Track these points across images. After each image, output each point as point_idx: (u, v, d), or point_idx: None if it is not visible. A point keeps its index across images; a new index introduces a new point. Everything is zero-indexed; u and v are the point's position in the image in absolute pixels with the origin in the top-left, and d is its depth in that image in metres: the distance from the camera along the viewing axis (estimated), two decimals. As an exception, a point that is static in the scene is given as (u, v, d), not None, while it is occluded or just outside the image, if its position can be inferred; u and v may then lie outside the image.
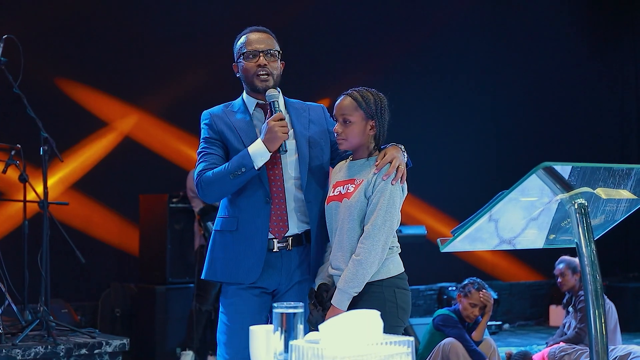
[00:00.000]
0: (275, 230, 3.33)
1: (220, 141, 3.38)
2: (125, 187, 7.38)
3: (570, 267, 6.02)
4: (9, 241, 6.29)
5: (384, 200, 3.11)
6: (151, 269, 6.89)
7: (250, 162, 3.23)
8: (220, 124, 3.38)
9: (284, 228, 3.34)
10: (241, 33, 3.48)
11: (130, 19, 7.61)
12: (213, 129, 3.39)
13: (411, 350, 2.08)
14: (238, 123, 3.38)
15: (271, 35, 3.46)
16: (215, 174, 3.28)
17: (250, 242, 3.32)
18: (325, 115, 3.52)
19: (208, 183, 3.29)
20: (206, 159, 3.35)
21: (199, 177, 3.33)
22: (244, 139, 3.33)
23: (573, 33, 10.57)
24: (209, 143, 3.39)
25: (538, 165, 2.27)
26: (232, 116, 3.41)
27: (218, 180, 3.27)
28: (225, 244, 3.37)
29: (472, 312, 5.54)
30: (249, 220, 3.32)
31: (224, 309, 3.42)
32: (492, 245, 2.60)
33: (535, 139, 10.04)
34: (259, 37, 3.42)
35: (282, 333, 2.10)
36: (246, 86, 3.45)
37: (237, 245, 3.33)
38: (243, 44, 3.41)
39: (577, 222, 2.39)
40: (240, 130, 3.36)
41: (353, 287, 3.09)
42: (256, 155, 3.24)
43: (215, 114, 3.43)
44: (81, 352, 5.19)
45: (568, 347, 5.63)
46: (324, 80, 8.31)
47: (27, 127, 5.79)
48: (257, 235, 3.31)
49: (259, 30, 3.46)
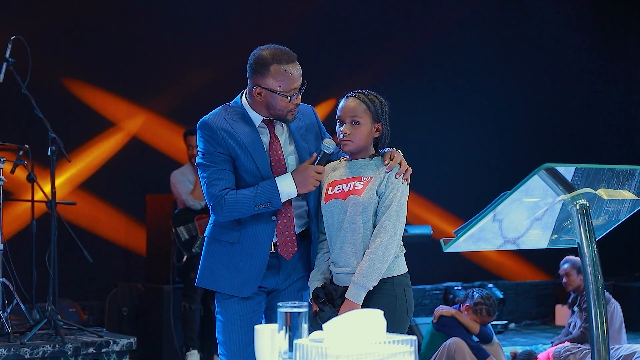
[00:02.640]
0: (284, 251, 3.33)
1: (228, 155, 3.29)
2: (133, 187, 7.42)
3: (575, 267, 6.03)
4: (17, 241, 6.33)
5: (398, 198, 3.20)
6: (158, 269, 6.92)
7: (278, 200, 3.23)
8: (229, 140, 3.27)
9: (293, 248, 3.34)
10: (269, 54, 3.25)
11: (137, 20, 7.64)
12: (222, 145, 3.28)
13: (414, 349, 2.10)
14: (246, 139, 3.29)
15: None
16: (238, 199, 3.22)
17: (250, 257, 3.31)
18: (316, 117, 3.52)
19: (231, 206, 3.23)
20: (221, 177, 3.26)
21: (221, 197, 3.23)
22: (255, 158, 3.28)
23: (578, 31, 10.56)
24: (218, 158, 3.28)
25: (540, 167, 2.30)
26: (237, 128, 3.30)
27: (242, 205, 3.22)
28: (223, 255, 3.33)
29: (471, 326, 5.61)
30: (252, 235, 3.30)
31: (220, 308, 3.42)
32: (496, 245, 2.62)
33: (540, 138, 10.04)
34: (299, 72, 3.27)
35: (287, 332, 2.13)
36: (265, 110, 3.32)
37: (236, 259, 3.31)
38: (285, 78, 3.23)
39: (579, 223, 2.41)
40: (250, 148, 3.28)
41: (370, 281, 3.15)
42: (284, 193, 3.24)
43: (219, 126, 3.29)
44: (89, 350, 5.23)
45: (573, 346, 5.64)
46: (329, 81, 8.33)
47: (35, 128, 5.85)
48: (258, 249, 3.31)
49: (294, 60, 3.28)
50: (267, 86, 3.25)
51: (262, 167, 3.29)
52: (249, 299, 3.35)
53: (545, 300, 9.73)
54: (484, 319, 5.65)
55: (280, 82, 3.24)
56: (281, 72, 3.23)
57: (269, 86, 3.25)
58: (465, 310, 5.68)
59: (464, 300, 5.75)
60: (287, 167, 3.35)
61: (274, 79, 3.24)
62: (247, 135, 3.30)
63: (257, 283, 3.32)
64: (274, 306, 3.41)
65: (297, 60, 3.29)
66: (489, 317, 5.66)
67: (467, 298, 5.73)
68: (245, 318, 3.33)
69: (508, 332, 8.82)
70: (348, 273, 3.22)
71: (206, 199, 3.33)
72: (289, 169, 3.35)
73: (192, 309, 6.59)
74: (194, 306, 6.59)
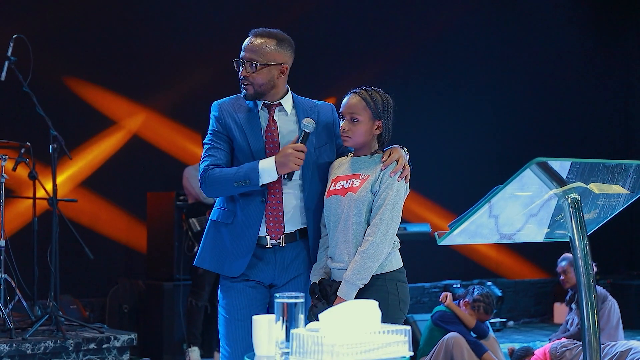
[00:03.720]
0: (271, 231, 3.40)
1: (226, 135, 3.41)
2: (133, 185, 7.46)
3: (572, 264, 6.06)
4: (19, 238, 6.37)
5: (392, 196, 3.21)
6: (159, 266, 6.97)
7: (257, 178, 3.28)
8: (228, 119, 3.42)
9: (280, 229, 3.40)
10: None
11: (138, 19, 7.68)
12: (220, 123, 3.43)
13: (408, 339, 2.15)
14: (244, 119, 3.41)
15: (267, 40, 3.42)
16: (221, 175, 3.33)
17: (241, 237, 3.38)
18: (334, 115, 3.55)
19: (212, 181, 3.35)
20: (213, 154, 3.40)
21: (205, 172, 3.38)
22: (248, 137, 3.38)
23: (578, 28, 10.60)
24: (216, 137, 3.43)
25: (532, 160, 2.32)
26: (241, 112, 3.43)
27: (222, 182, 3.33)
28: (217, 235, 3.44)
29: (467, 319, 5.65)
30: (244, 216, 3.38)
31: (221, 301, 3.48)
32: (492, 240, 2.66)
33: (539, 135, 10.08)
34: (246, 45, 3.44)
35: (284, 322, 2.17)
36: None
37: (227, 238, 3.40)
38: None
39: (571, 217, 2.44)
40: (245, 127, 3.40)
41: (360, 279, 3.16)
42: (264, 173, 3.29)
43: (224, 107, 3.45)
44: (90, 346, 5.26)
45: (569, 342, 5.68)
46: (331, 78, 8.37)
47: (36, 125, 5.88)
48: (248, 231, 3.37)
49: (255, 34, 3.46)
50: None
51: (254, 148, 3.37)
52: (250, 292, 3.40)
53: (543, 298, 9.77)
54: (480, 316, 5.69)
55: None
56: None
57: None
58: (463, 305, 5.73)
59: (464, 295, 5.80)
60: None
61: None
62: (246, 117, 3.42)
63: (246, 262, 3.38)
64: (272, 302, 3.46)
65: (262, 37, 3.41)
66: (485, 315, 5.71)
67: (467, 294, 5.78)
68: (246, 311, 3.36)
69: (507, 330, 8.86)
70: (341, 269, 3.25)
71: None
72: None
73: (198, 305, 6.63)
74: (200, 303, 6.63)
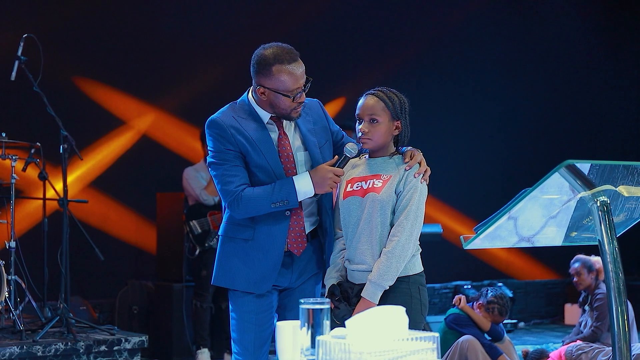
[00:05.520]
0: (293, 247, 3.33)
1: (239, 152, 3.27)
2: (143, 185, 7.42)
3: (585, 266, 6.02)
4: (27, 239, 6.34)
5: (416, 197, 3.20)
6: (168, 267, 6.93)
7: (295, 198, 3.23)
8: (238, 136, 3.26)
9: (302, 244, 3.35)
10: (271, 54, 3.20)
11: (147, 19, 7.65)
12: (230, 141, 3.26)
13: (436, 346, 2.10)
14: (255, 135, 3.28)
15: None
16: (256, 196, 3.21)
17: (266, 252, 3.30)
18: (323, 111, 3.51)
19: (247, 203, 3.21)
20: (236, 173, 3.25)
21: (237, 194, 3.21)
22: (265, 155, 3.27)
23: (588, 32, 10.54)
24: (230, 155, 3.26)
25: (561, 163, 2.28)
26: (246, 125, 3.29)
27: (258, 203, 3.21)
28: (237, 253, 3.32)
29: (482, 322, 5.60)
30: (266, 231, 3.29)
31: (234, 307, 3.40)
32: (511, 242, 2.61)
33: (549, 137, 10.02)
34: (302, 70, 3.23)
35: (309, 329, 2.13)
36: (269, 108, 3.30)
37: (252, 255, 3.30)
38: (288, 78, 3.19)
39: (600, 220, 2.39)
40: (259, 144, 3.27)
41: (387, 280, 3.14)
42: (301, 193, 3.23)
43: (228, 123, 3.27)
44: (101, 348, 5.24)
45: (585, 345, 5.63)
46: (339, 79, 8.33)
47: (46, 126, 5.85)
48: (273, 246, 3.30)
49: (296, 59, 3.23)
50: (270, 86, 3.22)
51: (272, 163, 3.28)
52: (263, 297, 3.35)
53: (554, 299, 9.72)
54: (495, 318, 5.64)
55: (282, 82, 3.20)
56: (283, 72, 3.19)
57: (272, 86, 3.22)
58: (477, 307, 5.68)
59: (477, 297, 5.75)
60: (296, 163, 3.34)
61: (276, 79, 3.20)
62: (256, 132, 3.29)
63: (273, 279, 3.32)
64: (286, 304, 3.42)
65: (299, 58, 3.25)
66: (500, 317, 5.66)
67: (480, 296, 5.73)
68: (260, 316, 3.33)
69: (517, 331, 8.80)
70: (363, 271, 3.22)
71: (221, 197, 3.30)
72: (297, 164, 3.34)
73: (203, 307, 6.60)
74: (205, 304, 6.60)
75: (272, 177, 3.27)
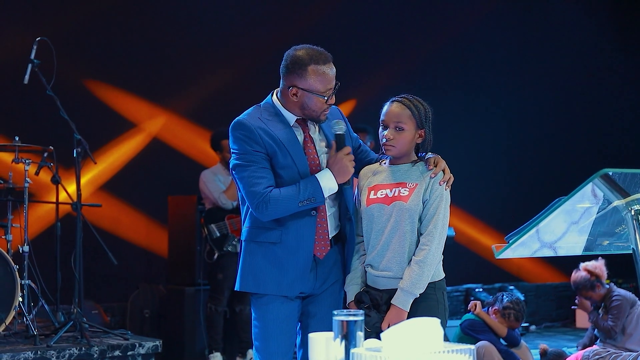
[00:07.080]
0: (317, 250, 3.31)
1: (266, 154, 3.24)
2: (154, 189, 7.40)
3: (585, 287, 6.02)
4: (39, 242, 6.31)
5: (443, 205, 3.24)
6: (180, 270, 6.90)
7: (321, 195, 3.22)
8: (266, 137, 3.24)
9: (326, 248, 3.33)
10: (306, 54, 3.24)
11: (158, 22, 7.63)
12: (259, 143, 3.23)
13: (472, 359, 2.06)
14: (283, 136, 3.26)
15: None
16: (283, 196, 3.18)
17: (295, 255, 3.26)
18: (342, 116, 3.50)
19: (276, 203, 3.18)
20: (264, 175, 3.22)
21: (265, 195, 3.18)
22: (293, 156, 3.25)
23: (599, 34, 10.49)
24: (257, 157, 3.23)
25: (597, 173, 2.27)
26: (273, 126, 3.27)
27: (286, 203, 3.18)
28: (266, 256, 3.28)
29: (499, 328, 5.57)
30: (294, 233, 3.26)
31: (256, 314, 3.36)
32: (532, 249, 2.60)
33: (558, 141, 9.98)
34: (334, 72, 3.28)
35: (342, 340, 2.09)
36: (299, 110, 3.30)
37: (281, 258, 3.27)
38: (323, 79, 3.23)
39: (634, 228, 2.38)
40: (287, 145, 3.26)
41: (419, 289, 3.16)
42: (327, 189, 3.23)
43: (255, 124, 3.25)
44: (114, 353, 5.21)
45: (602, 350, 5.59)
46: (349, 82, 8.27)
47: (58, 129, 5.82)
48: (301, 247, 3.27)
49: (329, 60, 3.28)
50: (304, 86, 3.24)
51: (299, 164, 3.26)
52: (289, 304, 3.31)
53: (565, 302, 9.65)
54: (511, 324, 5.61)
55: (317, 83, 3.23)
56: (319, 73, 3.23)
57: (306, 86, 3.24)
58: (493, 313, 5.64)
59: (492, 303, 5.71)
60: (322, 165, 3.33)
61: (311, 80, 3.23)
62: (283, 133, 3.27)
63: (304, 282, 3.29)
64: (309, 311, 3.39)
65: (332, 60, 3.28)
66: (516, 322, 5.62)
67: (496, 301, 5.69)
68: (284, 324, 3.29)
69: (529, 335, 8.76)
70: (390, 277, 3.21)
71: (247, 199, 3.25)
72: (322, 167, 3.32)
73: (218, 311, 6.56)
74: (220, 308, 6.56)
75: (297, 179, 3.25)
